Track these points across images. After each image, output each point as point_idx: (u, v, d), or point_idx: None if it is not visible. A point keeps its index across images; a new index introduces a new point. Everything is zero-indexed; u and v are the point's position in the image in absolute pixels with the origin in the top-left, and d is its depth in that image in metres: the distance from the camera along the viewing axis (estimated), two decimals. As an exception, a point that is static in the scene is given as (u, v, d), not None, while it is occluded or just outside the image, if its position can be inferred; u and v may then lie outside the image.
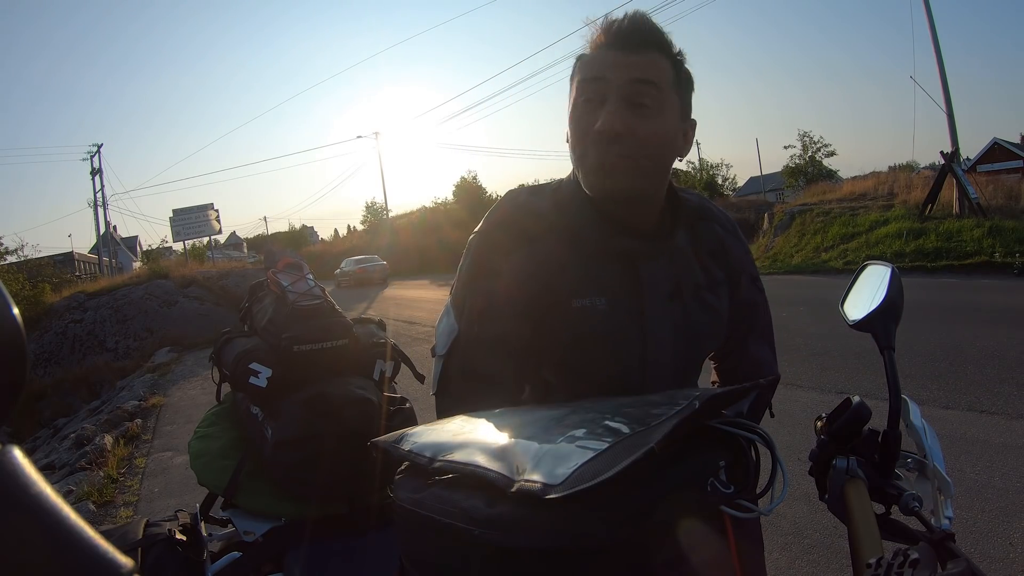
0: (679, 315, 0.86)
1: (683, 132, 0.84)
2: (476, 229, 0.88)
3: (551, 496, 0.43)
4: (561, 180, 0.89)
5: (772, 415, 0.97)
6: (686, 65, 0.83)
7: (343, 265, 24.05)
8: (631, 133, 0.77)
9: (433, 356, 0.88)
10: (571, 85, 0.84)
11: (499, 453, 0.51)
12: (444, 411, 0.84)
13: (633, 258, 0.84)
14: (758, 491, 0.50)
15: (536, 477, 0.46)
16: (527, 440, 0.52)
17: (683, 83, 0.82)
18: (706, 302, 0.88)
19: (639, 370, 0.85)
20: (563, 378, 0.86)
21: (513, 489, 0.46)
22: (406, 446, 0.59)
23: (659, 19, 0.83)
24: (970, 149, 26.18)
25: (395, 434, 0.63)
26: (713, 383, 1.05)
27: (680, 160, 0.87)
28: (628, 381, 0.85)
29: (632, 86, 0.77)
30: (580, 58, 0.83)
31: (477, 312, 0.83)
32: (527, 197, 0.88)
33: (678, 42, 0.82)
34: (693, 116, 0.86)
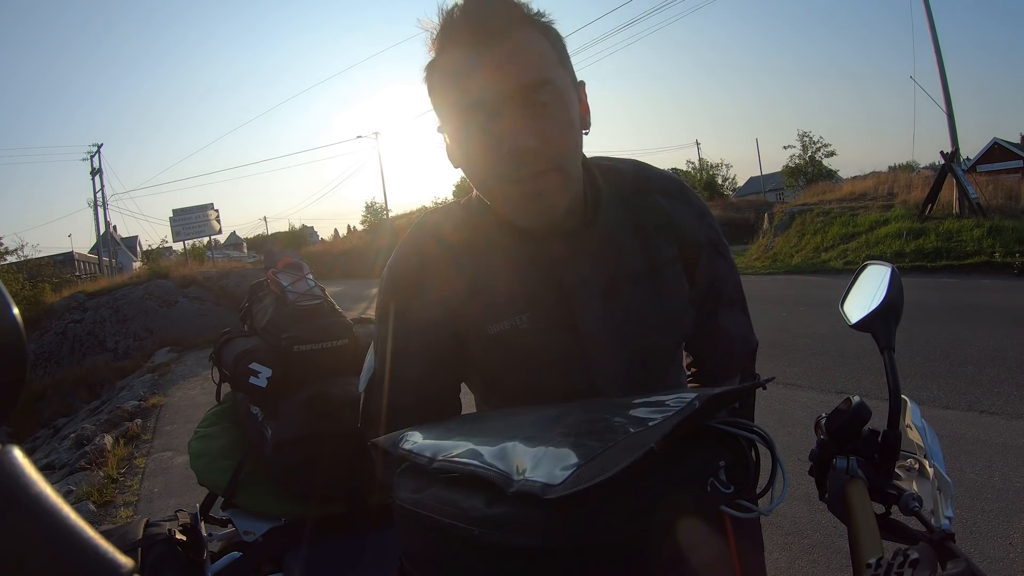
0: (620, 311, 0.76)
1: (580, 102, 0.73)
2: (388, 262, 0.80)
3: (551, 496, 0.43)
4: (471, 196, 0.80)
5: (764, 388, 0.96)
6: (552, 25, 0.70)
7: None
8: (545, 143, 0.66)
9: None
10: (436, 103, 0.71)
11: (499, 453, 0.50)
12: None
13: (552, 263, 0.75)
14: (758, 491, 0.50)
15: (536, 477, 0.46)
16: (527, 440, 0.51)
17: (562, 49, 0.70)
18: (655, 288, 0.77)
19: (586, 382, 0.76)
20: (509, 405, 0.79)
21: (513, 489, 0.46)
22: (406, 446, 0.59)
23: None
24: (970, 149, 26.27)
25: (395, 434, 0.63)
26: (688, 366, 0.96)
27: (587, 133, 0.73)
28: (577, 397, 0.77)
29: (525, 95, 0.66)
30: (432, 69, 0.70)
31: (389, 354, 0.77)
32: (434, 220, 0.80)
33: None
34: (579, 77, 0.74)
